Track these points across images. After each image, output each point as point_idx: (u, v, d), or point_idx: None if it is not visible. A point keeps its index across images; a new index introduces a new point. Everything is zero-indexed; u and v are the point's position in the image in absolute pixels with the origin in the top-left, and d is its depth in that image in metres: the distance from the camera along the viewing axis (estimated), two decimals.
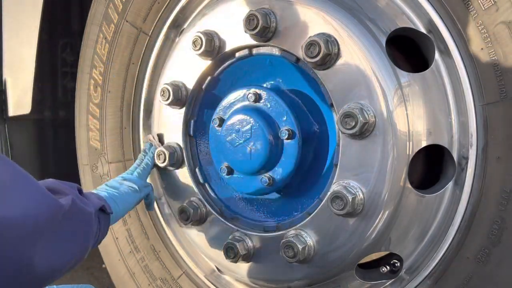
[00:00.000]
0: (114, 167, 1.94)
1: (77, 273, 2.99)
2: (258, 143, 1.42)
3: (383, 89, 1.25)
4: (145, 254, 1.90)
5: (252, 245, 1.52)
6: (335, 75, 1.30)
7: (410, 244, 1.33)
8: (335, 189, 1.29)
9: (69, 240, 1.14)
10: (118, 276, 1.98)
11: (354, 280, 1.43)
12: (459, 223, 1.26)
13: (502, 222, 1.19)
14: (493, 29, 1.15)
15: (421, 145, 1.27)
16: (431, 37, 1.26)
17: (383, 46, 1.28)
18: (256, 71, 1.54)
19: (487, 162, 1.21)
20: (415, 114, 1.25)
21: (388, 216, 1.29)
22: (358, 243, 1.33)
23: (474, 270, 1.24)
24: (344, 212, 1.28)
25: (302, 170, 1.45)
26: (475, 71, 1.20)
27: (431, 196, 1.29)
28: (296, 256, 1.37)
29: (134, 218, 1.91)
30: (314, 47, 1.27)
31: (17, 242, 0.94)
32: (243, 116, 1.44)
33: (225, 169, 1.54)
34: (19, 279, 0.96)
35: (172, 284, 1.84)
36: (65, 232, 1.11)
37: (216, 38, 1.50)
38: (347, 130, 1.25)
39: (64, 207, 1.09)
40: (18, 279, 0.96)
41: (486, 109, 1.20)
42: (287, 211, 1.51)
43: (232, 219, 1.61)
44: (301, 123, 1.43)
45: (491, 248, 1.21)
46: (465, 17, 1.19)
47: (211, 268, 1.75)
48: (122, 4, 1.78)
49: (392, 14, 1.29)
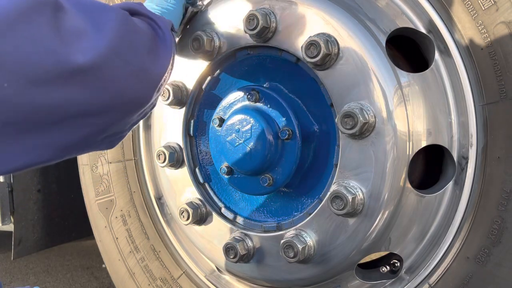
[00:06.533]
0: (114, 167, 1.94)
1: (77, 273, 3.00)
2: (258, 143, 1.42)
3: (383, 89, 1.25)
4: (145, 254, 1.90)
5: (252, 245, 1.52)
6: (335, 75, 1.30)
7: (410, 244, 1.33)
8: (335, 189, 1.29)
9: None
10: (118, 276, 1.99)
11: (354, 280, 1.43)
12: (459, 223, 1.27)
13: (502, 222, 1.19)
14: (493, 29, 1.15)
15: (421, 145, 1.27)
16: (431, 37, 1.26)
17: (383, 46, 1.28)
18: (256, 71, 1.54)
19: (487, 162, 1.21)
20: (415, 114, 1.25)
21: (388, 216, 1.29)
22: (358, 243, 1.33)
23: (474, 270, 1.24)
24: (344, 212, 1.28)
25: (302, 170, 1.46)
26: (475, 71, 1.20)
27: (431, 196, 1.29)
28: (296, 256, 1.37)
29: (134, 218, 1.91)
30: (314, 47, 1.27)
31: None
32: (243, 116, 1.44)
33: (225, 169, 1.54)
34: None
35: (172, 284, 1.84)
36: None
37: (216, 38, 1.50)
38: (347, 130, 1.25)
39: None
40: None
41: (486, 109, 1.20)
42: (287, 211, 1.51)
43: (232, 219, 1.61)
44: (301, 123, 1.43)
45: (491, 248, 1.21)
46: (465, 17, 1.19)
47: (211, 268, 1.75)
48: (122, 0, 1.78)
49: (392, 14, 1.29)
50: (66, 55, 0.90)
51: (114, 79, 1.00)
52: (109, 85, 1.00)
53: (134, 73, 1.06)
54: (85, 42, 0.94)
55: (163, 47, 1.19)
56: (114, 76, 1.00)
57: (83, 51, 0.93)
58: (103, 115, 1.03)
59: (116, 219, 1.96)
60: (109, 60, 0.98)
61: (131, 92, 1.07)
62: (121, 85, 1.03)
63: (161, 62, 1.17)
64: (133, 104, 1.11)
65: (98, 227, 2.02)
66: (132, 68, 1.05)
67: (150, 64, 1.12)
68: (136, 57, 1.07)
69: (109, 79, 0.99)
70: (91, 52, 0.94)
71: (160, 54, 1.17)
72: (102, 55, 0.96)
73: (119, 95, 1.04)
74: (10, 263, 3.13)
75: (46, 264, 3.16)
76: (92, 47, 0.95)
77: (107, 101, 1.02)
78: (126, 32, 1.05)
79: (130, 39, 1.06)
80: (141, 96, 1.12)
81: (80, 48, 0.93)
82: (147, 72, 1.11)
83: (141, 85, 1.10)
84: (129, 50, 1.05)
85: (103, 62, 0.97)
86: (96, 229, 2.04)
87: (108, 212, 1.97)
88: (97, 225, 2.03)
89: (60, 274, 3.01)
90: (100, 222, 2.00)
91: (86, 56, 0.93)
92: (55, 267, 3.12)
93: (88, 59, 0.93)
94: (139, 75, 1.08)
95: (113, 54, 0.99)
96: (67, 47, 0.90)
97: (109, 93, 1.01)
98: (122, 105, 1.07)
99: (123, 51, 1.02)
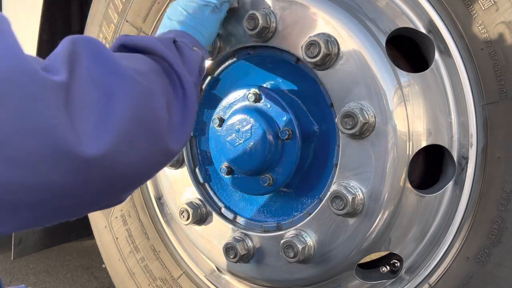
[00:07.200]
0: None
1: (77, 273, 2.99)
2: (258, 143, 1.42)
3: (383, 89, 1.25)
4: (145, 254, 1.90)
5: (252, 245, 1.52)
6: (335, 75, 1.30)
7: (410, 244, 1.33)
8: (335, 189, 1.29)
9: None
10: (118, 276, 1.99)
11: (354, 280, 1.43)
12: (459, 223, 1.26)
13: (502, 222, 1.19)
14: (493, 29, 1.15)
15: (421, 145, 1.27)
16: (431, 37, 1.26)
17: (383, 46, 1.28)
18: (256, 71, 1.54)
19: (487, 162, 1.21)
20: (415, 114, 1.25)
21: (388, 216, 1.29)
22: (358, 243, 1.33)
23: (474, 270, 1.24)
24: (344, 212, 1.28)
25: (302, 170, 1.46)
26: (475, 71, 1.20)
27: (431, 196, 1.29)
28: (296, 256, 1.37)
29: (134, 218, 1.91)
30: (314, 47, 1.27)
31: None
32: (243, 116, 1.44)
33: (225, 169, 1.54)
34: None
35: (172, 284, 1.84)
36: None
37: (216, 38, 1.50)
38: (347, 130, 1.25)
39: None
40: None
41: (486, 109, 1.20)
42: (287, 211, 1.51)
43: (232, 219, 1.61)
44: (301, 123, 1.43)
45: (491, 248, 1.21)
46: (465, 17, 1.19)
47: (211, 268, 1.75)
48: (122, 4, 1.78)
49: (392, 14, 1.29)
50: (71, 141, 0.73)
51: (123, 170, 0.83)
52: (114, 177, 0.83)
53: (148, 161, 0.89)
54: (96, 129, 0.77)
55: (184, 117, 0.98)
56: (124, 167, 0.83)
57: (93, 139, 0.76)
58: (100, 197, 0.86)
59: (116, 219, 1.96)
60: (120, 150, 0.80)
61: (138, 177, 0.91)
62: (127, 174, 0.85)
63: (180, 138, 0.97)
64: (138, 184, 0.95)
65: (98, 227, 2.02)
66: (147, 157, 0.88)
67: (168, 144, 0.93)
68: (153, 143, 0.88)
69: (117, 172, 0.82)
70: (101, 141, 0.77)
71: (181, 129, 0.97)
72: (111, 148, 0.78)
73: (123, 183, 0.87)
74: (10, 263, 3.13)
75: (46, 264, 3.16)
76: (103, 135, 0.78)
77: (106, 190, 0.85)
78: (143, 111, 0.85)
79: (148, 119, 0.87)
80: (151, 176, 0.98)
81: (89, 135, 0.76)
82: (164, 154, 0.94)
83: (154, 169, 0.95)
84: (146, 134, 0.86)
85: (112, 155, 0.79)
86: (96, 229, 2.04)
87: (108, 212, 1.97)
88: (97, 225, 2.03)
89: (60, 274, 3.01)
90: (100, 222, 2.00)
91: (96, 146, 0.76)
92: (55, 267, 3.12)
93: (97, 151, 0.76)
94: (154, 160, 0.92)
95: (126, 143, 0.81)
96: (74, 134, 0.74)
97: (111, 183, 0.84)
98: (123, 189, 0.91)
99: (138, 138, 0.84)
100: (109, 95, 0.81)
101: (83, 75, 0.79)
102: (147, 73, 0.93)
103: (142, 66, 0.94)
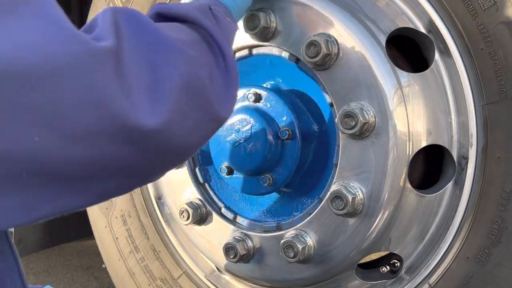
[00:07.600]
0: None
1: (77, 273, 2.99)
2: (258, 143, 1.42)
3: (383, 89, 1.25)
4: (145, 254, 1.90)
5: (252, 245, 1.52)
6: (335, 75, 1.30)
7: (410, 244, 1.33)
8: (335, 189, 1.29)
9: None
10: (118, 276, 1.99)
11: (354, 280, 1.43)
12: (459, 223, 1.27)
13: (502, 222, 1.19)
14: (493, 29, 1.15)
15: (421, 145, 1.27)
16: (431, 37, 1.26)
17: (383, 46, 1.28)
18: (256, 71, 1.54)
19: (487, 162, 1.21)
20: (415, 114, 1.26)
21: (388, 216, 1.29)
22: (358, 243, 1.33)
23: (474, 270, 1.24)
24: (344, 212, 1.28)
25: (302, 170, 1.46)
26: (475, 71, 1.20)
27: (431, 196, 1.29)
28: (296, 256, 1.37)
29: (134, 218, 1.91)
30: (314, 47, 1.27)
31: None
32: (243, 116, 1.44)
33: (225, 169, 1.54)
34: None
35: (172, 284, 1.84)
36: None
37: None
38: (347, 130, 1.25)
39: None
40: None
41: (486, 109, 1.20)
42: (287, 211, 1.51)
43: (232, 219, 1.61)
44: (301, 123, 1.43)
45: (491, 248, 1.21)
46: (465, 17, 1.19)
47: (211, 268, 1.75)
48: (122, 4, 1.78)
49: (392, 14, 1.29)
50: (128, 113, 0.71)
51: (178, 141, 0.83)
52: (170, 149, 0.83)
53: (199, 129, 0.90)
54: (150, 100, 0.76)
55: (227, 86, 0.97)
56: (179, 138, 0.83)
57: (149, 110, 0.75)
58: (149, 169, 0.86)
59: (116, 219, 1.96)
60: (175, 121, 0.80)
61: (190, 148, 0.91)
62: (182, 144, 0.85)
63: (227, 104, 0.97)
64: (189, 155, 0.97)
65: (98, 227, 2.02)
66: (199, 127, 0.89)
67: (218, 111, 0.93)
68: (204, 111, 0.89)
69: (173, 143, 0.82)
70: (157, 113, 0.76)
71: (227, 96, 0.97)
72: (168, 119, 0.77)
73: (176, 154, 0.87)
74: None
75: (46, 264, 3.16)
76: (158, 106, 0.77)
77: (161, 161, 0.85)
78: (191, 80, 0.85)
79: (197, 88, 0.87)
80: (201, 146, 0.97)
81: (145, 107, 0.74)
82: (215, 122, 0.95)
83: (204, 138, 0.95)
84: (196, 103, 0.86)
85: (169, 126, 0.78)
86: (96, 229, 2.04)
87: (108, 212, 1.97)
88: (97, 225, 2.03)
89: (60, 274, 3.01)
90: (100, 222, 2.00)
91: (154, 118, 0.75)
92: (55, 267, 3.12)
93: (155, 123, 0.75)
94: (205, 129, 0.92)
95: (180, 114, 0.81)
96: (130, 105, 0.72)
97: (167, 155, 0.84)
98: (175, 160, 0.91)
99: (190, 108, 0.84)
100: (157, 65, 0.80)
101: (131, 43, 0.78)
102: (190, 43, 0.92)
103: (184, 36, 0.93)
